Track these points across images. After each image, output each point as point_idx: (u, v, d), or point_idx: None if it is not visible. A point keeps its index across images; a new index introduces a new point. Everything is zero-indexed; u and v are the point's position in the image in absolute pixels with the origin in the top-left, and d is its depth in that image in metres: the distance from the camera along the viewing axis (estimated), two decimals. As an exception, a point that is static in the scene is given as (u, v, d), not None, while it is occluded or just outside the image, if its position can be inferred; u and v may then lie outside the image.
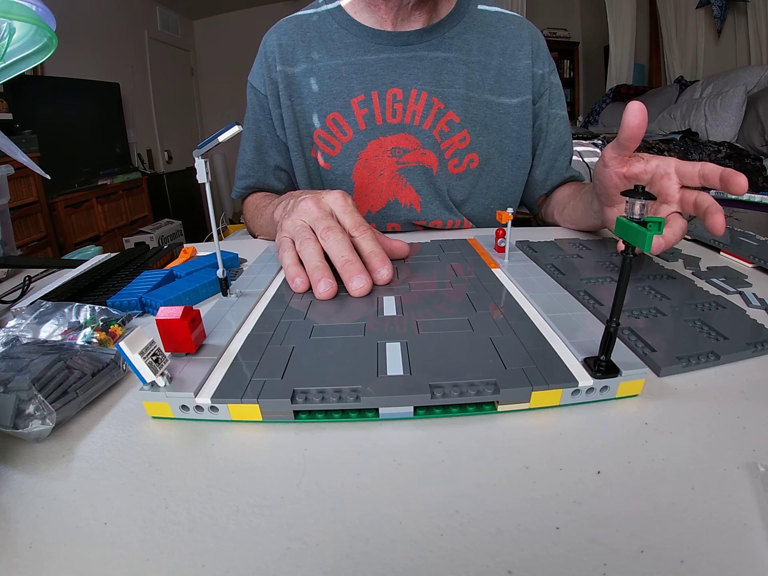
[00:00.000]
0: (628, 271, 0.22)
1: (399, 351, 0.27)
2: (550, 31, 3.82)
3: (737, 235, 0.52)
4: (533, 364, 0.26)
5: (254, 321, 0.33)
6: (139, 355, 0.22)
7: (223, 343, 0.29)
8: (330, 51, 0.62)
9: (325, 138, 0.63)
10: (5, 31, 0.38)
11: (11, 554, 0.18)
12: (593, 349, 0.26)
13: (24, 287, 0.46)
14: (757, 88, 2.33)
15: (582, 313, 0.32)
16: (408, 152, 0.63)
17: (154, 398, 0.24)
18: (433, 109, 0.61)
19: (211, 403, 0.24)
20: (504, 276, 0.40)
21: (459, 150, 0.63)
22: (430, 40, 0.61)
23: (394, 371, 0.25)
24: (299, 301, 0.36)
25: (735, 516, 0.18)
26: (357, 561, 0.17)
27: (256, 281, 0.40)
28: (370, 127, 0.62)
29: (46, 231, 2.19)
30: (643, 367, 0.25)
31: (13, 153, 0.44)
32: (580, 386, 0.24)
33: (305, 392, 0.24)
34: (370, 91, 0.61)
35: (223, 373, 0.26)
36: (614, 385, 0.25)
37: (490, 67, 0.62)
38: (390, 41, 0.61)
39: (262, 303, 0.36)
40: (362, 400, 0.23)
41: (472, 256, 0.46)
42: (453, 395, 0.23)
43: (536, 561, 0.17)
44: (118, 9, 3.06)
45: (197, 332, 0.28)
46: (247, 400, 0.24)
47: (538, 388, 0.24)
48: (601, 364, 0.25)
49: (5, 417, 0.23)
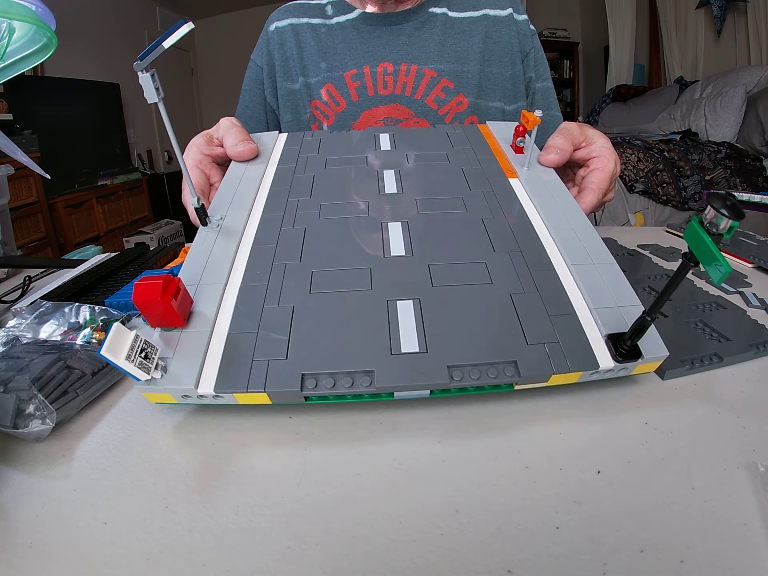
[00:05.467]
0: (681, 278, 0.20)
1: (412, 314, 0.25)
2: (550, 31, 3.82)
3: (737, 235, 0.52)
4: (556, 339, 0.24)
5: (243, 266, 0.29)
6: (126, 360, 0.20)
7: (214, 306, 0.26)
8: (328, 33, 0.66)
9: (321, 108, 0.67)
10: (5, 31, 0.38)
11: (11, 554, 0.18)
12: (618, 322, 0.25)
13: (24, 287, 0.46)
14: (757, 88, 2.33)
15: (610, 267, 0.29)
16: (400, 122, 0.65)
17: (153, 391, 0.23)
18: (425, 79, 0.64)
19: (214, 393, 0.23)
20: (523, 192, 0.35)
21: (458, 114, 0.66)
22: (417, 19, 0.65)
23: (409, 347, 0.23)
24: (291, 229, 0.31)
25: (735, 516, 0.18)
26: (357, 561, 0.17)
27: (237, 198, 0.35)
28: (362, 99, 0.65)
29: (46, 231, 2.18)
30: (664, 351, 0.24)
31: (13, 153, 0.44)
32: (601, 369, 0.23)
33: (315, 376, 0.22)
34: (362, 65, 0.64)
35: (220, 353, 0.24)
36: (632, 366, 0.24)
37: (476, 33, 0.65)
38: (380, 21, 0.65)
39: (249, 235, 0.31)
40: (377, 387, 0.22)
41: (486, 156, 0.40)
42: (471, 378, 0.22)
43: (536, 561, 0.17)
44: (118, 9, 3.06)
45: (182, 302, 0.24)
46: (253, 390, 0.22)
47: (559, 371, 0.23)
48: (625, 346, 0.24)
49: (5, 417, 0.23)
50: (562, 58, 4.00)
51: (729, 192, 0.19)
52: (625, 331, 0.24)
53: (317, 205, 0.34)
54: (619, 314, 0.26)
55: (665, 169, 1.89)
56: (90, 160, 2.66)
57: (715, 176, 1.96)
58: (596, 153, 0.41)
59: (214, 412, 0.26)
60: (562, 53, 3.97)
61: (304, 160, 0.40)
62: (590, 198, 0.39)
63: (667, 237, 0.55)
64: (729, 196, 0.18)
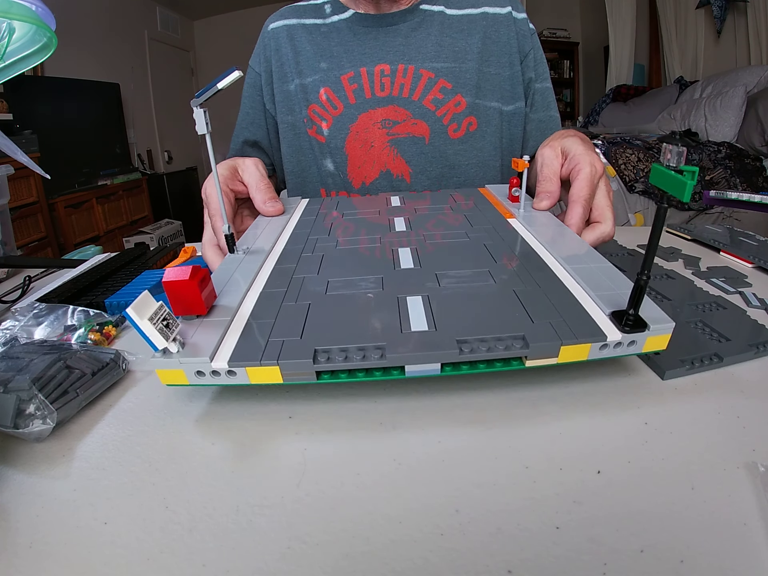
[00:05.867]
0: (662, 222, 0.22)
1: (421, 305, 0.26)
2: (550, 31, 3.82)
3: (737, 235, 0.52)
4: (560, 317, 0.25)
5: (265, 278, 0.31)
6: (149, 321, 0.21)
7: (235, 302, 0.28)
8: (324, 36, 0.66)
9: (319, 112, 0.66)
10: (5, 30, 0.38)
11: (11, 554, 0.18)
12: (619, 303, 0.26)
13: (24, 287, 0.46)
14: (757, 88, 2.33)
15: (604, 265, 0.30)
16: (398, 123, 0.65)
17: (167, 365, 0.23)
18: (422, 80, 0.64)
19: (228, 368, 0.23)
20: (520, 226, 0.39)
21: (456, 115, 0.65)
22: (413, 19, 0.64)
23: (419, 326, 0.24)
24: (310, 255, 0.35)
25: (735, 516, 0.18)
26: (357, 561, 0.17)
27: (263, 236, 0.39)
28: (359, 101, 0.65)
29: (46, 231, 2.19)
30: (669, 321, 0.24)
31: (13, 153, 0.44)
32: (609, 341, 0.23)
33: (327, 351, 0.23)
34: (359, 68, 0.64)
35: (238, 334, 0.25)
36: (641, 340, 0.24)
37: (474, 32, 0.65)
38: (375, 22, 0.65)
39: (272, 259, 0.35)
40: (388, 358, 0.22)
41: (486, 206, 0.44)
42: (481, 350, 0.23)
43: (536, 561, 0.17)
44: (118, 9, 3.06)
45: (207, 292, 0.26)
46: (266, 362, 0.22)
47: (567, 342, 0.23)
48: (629, 317, 0.24)
49: (6, 417, 0.23)
50: (562, 58, 4.00)
51: (675, 130, 0.20)
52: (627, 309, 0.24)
53: (335, 240, 0.38)
54: (618, 296, 0.26)
55: (665, 169, 1.88)
56: (90, 160, 2.66)
57: (715, 176, 1.96)
58: (573, 163, 0.41)
59: (214, 411, 0.26)
60: (562, 53, 3.97)
61: (322, 216, 0.45)
62: (575, 210, 0.39)
63: (667, 237, 0.55)
64: (674, 132, 0.20)
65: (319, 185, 0.71)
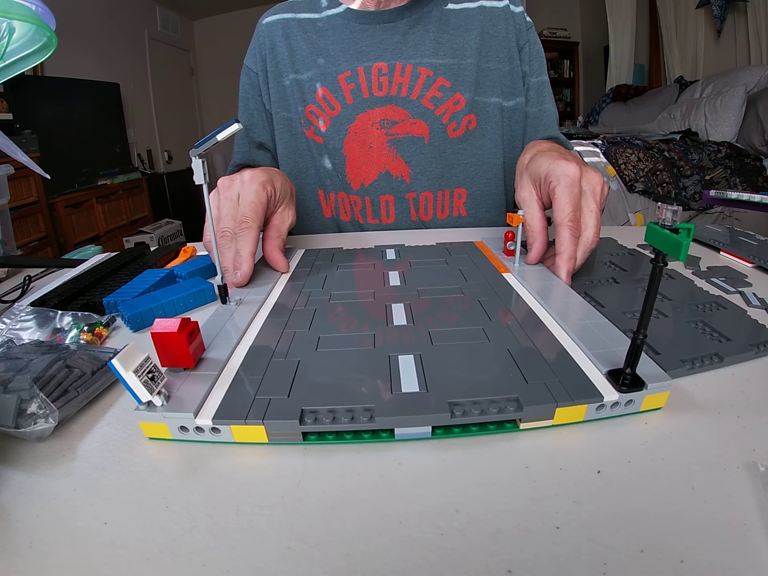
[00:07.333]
0: (657, 282, 0.21)
1: (413, 364, 0.26)
2: (550, 31, 3.82)
3: (737, 235, 0.52)
4: (555, 377, 0.24)
5: (256, 332, 0.31)
6: (134, 374, 0.21)
7: (223, 356, 0.28)
8: (319, 32, 0.65)
9: (315, 112, 0.66)
10: (5, 30, 0.38)
11: (11, 554, 0.18)
12: (616, 361, 0.25)
13: (24, 287, 0.46)
14: (757, 88, 2.33)
15: (600, 321, 0.30)
16: (396, 123, 0.64)
17: (150, 419, 0.23)
18: (420, 78, 0.63)
19: (212, 425, 0.22)
20: (515, 281, 0.39)
21: (455, 113, 0.64)
22: (411, 16, 0.63)
23: (410, 388, 0.24)
24: (303, 309, 0.35)
25: (735, 516, 0.18)
26: (357, 561, 0.17)
27: (255, 289, 0.39)
28: (357, 101, 0.64)
29: (46, 231, 2.19)
30: (668, 379, 0.24)
31: (13, 153, 0.44)
32: (606, 401, 0.23)
33: (314, 412, 0.22)
34: (356, 67, 0.63)
35: (224, 390, 0.25)
36: (639, 399, 0.24)
37: (472, 27, 0.64)
38: (373, 20, 0.64)
39: (263, 312, 0.35)
40: (377, 421, 0.22)
41: (481, 260, 0.45)
42: (474, 413, 0.22)
43: (536, 561, 0.17)
44: (118, 9, 3.06)
45: (196, 345, 0.26)
46: (251, 421, 0.22)
47: (563, 404, 0.22)
48: (626, 377, 0.24)
49: (7, 417, 0.23)
50: (562, 58, 4.00)
51: (671, 192, 0.20)
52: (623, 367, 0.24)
53: (328, 293, 0.38)
54: (614, 354, 0.26)
55: (665, 169, 1.89)
56: (90, 159, 2.66)
57: (715, 176, 1.96)
58: (547, 182, 0.40)
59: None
60: (562, 53, 3.98)
61: (317, 268, 0.45)
62: (562, 236, 0.38)
63: (667, 237, 0.55)
64: (670, 192, 0.20)
65: (317, 187, 0.70)
